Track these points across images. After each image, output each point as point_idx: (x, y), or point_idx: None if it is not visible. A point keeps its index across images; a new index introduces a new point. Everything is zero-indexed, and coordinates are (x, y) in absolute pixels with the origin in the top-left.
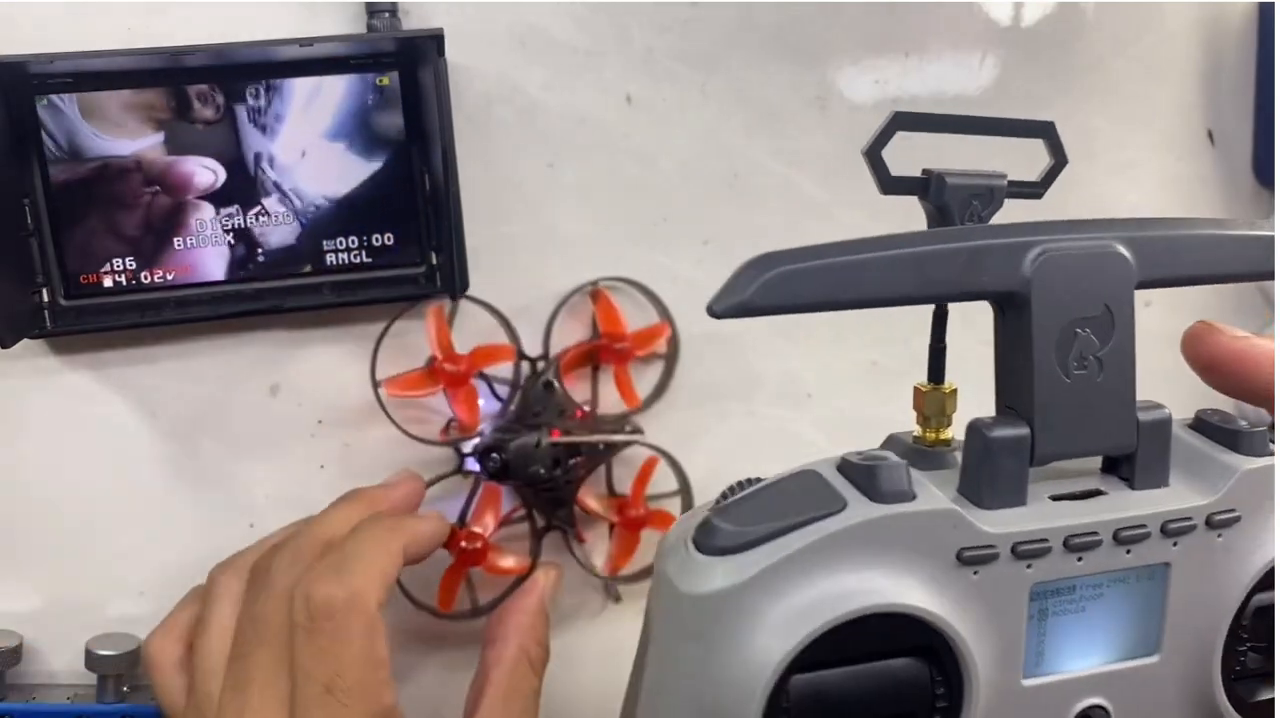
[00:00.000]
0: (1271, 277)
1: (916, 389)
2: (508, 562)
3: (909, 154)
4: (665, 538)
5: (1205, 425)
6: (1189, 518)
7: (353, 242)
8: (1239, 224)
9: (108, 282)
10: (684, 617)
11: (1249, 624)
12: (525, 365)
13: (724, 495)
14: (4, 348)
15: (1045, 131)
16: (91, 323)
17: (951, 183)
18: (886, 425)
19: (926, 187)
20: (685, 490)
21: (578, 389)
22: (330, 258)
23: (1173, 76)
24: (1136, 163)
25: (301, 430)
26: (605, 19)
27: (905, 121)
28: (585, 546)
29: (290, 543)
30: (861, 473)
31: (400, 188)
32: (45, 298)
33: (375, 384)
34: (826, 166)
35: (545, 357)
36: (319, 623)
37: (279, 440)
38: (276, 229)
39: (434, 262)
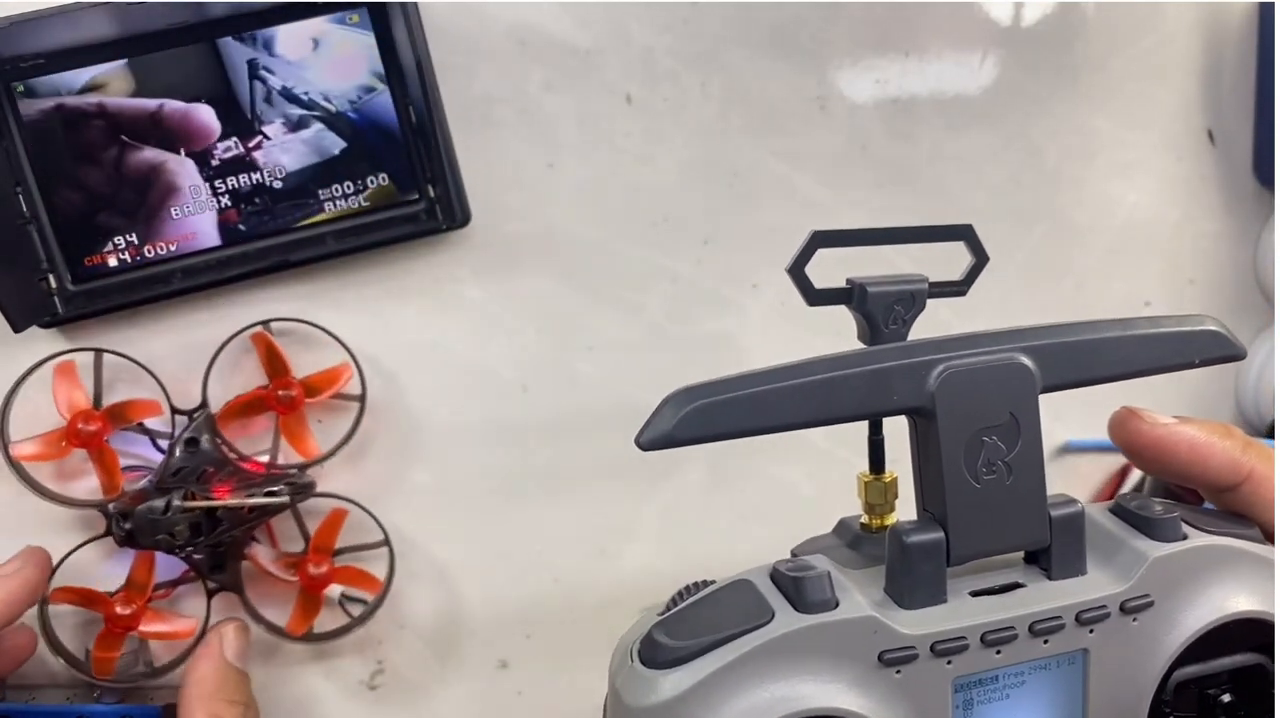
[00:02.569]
0: (1181, 367)
1: (859, 479)
2: (172, 625)
3: None
4: (616, 648)
5: (1123, 511)
6: (1103, 607)
7: (348, 187)
8: (1144, 323)
9: (112, 260)
10: None
11: (1170, 698)
12: (183, 419)
13: (673, 601)
14: (15, 332)
15: (964, 234)
16: (100, 304)
17: (873, 291)
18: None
19: (850, 296)
20: (387, 542)
21: (262, 440)
22: (328, 205)
23: (1173, 76)
24: (1137, 163)
25: None
26: (605, 19)
27: (825, 239)
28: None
29: None
30: (789, 583)
31: (385, 125)
32: (53, 284)
33: (5, 446)
34: (826, 166)
35: (200, 409)
36: None
37: None
38: (274, 178)
39: (431, 195)
